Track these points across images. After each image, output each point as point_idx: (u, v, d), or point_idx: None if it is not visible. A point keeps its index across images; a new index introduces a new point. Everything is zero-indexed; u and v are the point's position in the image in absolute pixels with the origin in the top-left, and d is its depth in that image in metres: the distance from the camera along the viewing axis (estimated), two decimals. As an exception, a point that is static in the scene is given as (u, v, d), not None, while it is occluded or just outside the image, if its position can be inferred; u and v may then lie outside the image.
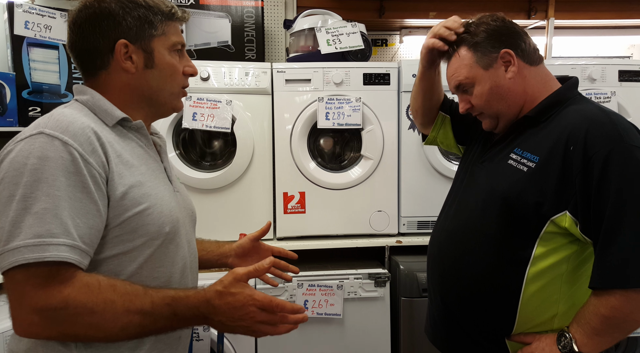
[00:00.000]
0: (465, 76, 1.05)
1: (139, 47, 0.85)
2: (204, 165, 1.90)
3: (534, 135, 1.00)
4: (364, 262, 1.91)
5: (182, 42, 0.91)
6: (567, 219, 0.92)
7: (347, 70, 1.83)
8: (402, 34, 2.48)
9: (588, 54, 2.56)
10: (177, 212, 0.89)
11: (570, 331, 0.93)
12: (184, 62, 0.92)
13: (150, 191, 0.82)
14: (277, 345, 1.74)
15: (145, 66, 0.86)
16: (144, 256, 0.81)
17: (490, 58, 1.02)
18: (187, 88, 0.94)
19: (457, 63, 1.06)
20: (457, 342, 1.09)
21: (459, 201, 1.11)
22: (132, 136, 0.87)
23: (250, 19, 2.04)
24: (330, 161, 1.96)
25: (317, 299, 1.73)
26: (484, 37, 1.03)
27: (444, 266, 1.10)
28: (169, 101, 0.91)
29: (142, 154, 0.87)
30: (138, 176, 0.82)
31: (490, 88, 1.03)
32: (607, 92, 1.89)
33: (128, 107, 0.87)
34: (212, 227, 1.84)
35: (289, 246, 1.82)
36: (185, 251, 0.90)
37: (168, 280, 0.85)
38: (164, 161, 0.94)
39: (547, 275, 0.96)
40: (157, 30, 0.86)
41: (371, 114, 1.85)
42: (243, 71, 1.81)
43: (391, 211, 1.89)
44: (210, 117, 1.76)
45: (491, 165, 1.06)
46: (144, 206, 0.80)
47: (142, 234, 0.80)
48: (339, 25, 1.91)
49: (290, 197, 1.86)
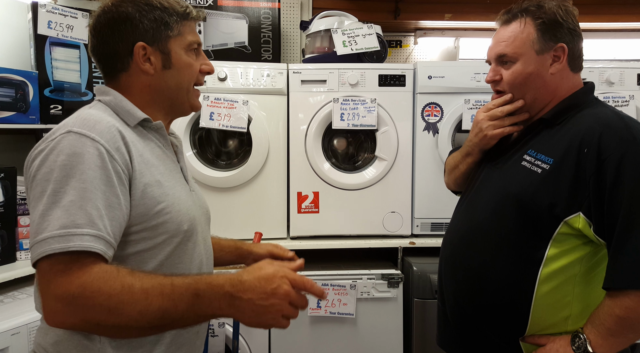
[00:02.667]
0: (514, 51, 1.02)
1: (157, 48, 0.87)
2: (220, 164, 1.92)
3: (549, 137, 1.01)
4: (377, 263, 1.92)
5: (198, 41, 0.93)
6: (580, 220, 0.92)
7: (363, 71, 1.84)
8: (416, 36, 2.48)
9: (606, 57, 2.53)
10: (194, 211, 0.90)
11: (584, 332, 0.93)
12: (201, 60, 0.93)
13: (168, 191, 0.84)
14: (291, 342, 1.76)
15: (164, 66, 0.88)
16: (164, 254, 0.83)
17: (547, 45, 1.01)
18: (203, 88, 0.95)
19: (514, 32, 1.02)
20: (472, 343, 1.09)
21: (472, 202, 1.12)
22: (151, 136, 0.89)
23: (267, 20, 2.06)
24: (344, 161, 1.97)
25: (330, 298, 1.74)
26: (553, 22, 1.00)
27: (457, 268, 1.10)
28: (188, 99, 0.93)
29: (160, 155, 0.89)
30: (157, 175, 0.84)
31: (530, 74, 1.02)
32: (625, 95, 1.87)
33: (148, 107, 0.89)
34: (227, 225, 1.86)
35: (302, 245, 1.84)
36: (201, 248, 0.92)
37: None
38: (180, 161, 0.96)
39: (560, 276, 0.96)
40: (173, 31, 0.88)
41: (386, 115, 1.85)
42: (259, 71, 1.83)
43: (405, 212, 1.90)
44: (227, 117, 1.78)
45: (505, 167, 1.06)
46: (164, 205, 0.82)
47: (162, 232, 0.82)
48: (355, 26, 1.92)
49: (304, 197, 1.87)
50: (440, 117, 1.88)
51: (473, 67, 1.86)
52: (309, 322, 1.75)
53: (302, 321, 1.75)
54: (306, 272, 1.77)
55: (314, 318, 1.75)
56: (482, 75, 1.85)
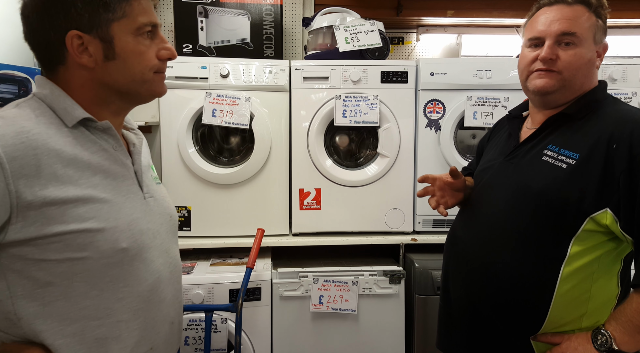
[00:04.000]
0: (582, 33, 0.99)
1: (96, 36, 0.74)
2: (222, 161, 1.92)
3: (571, 132, 0.99)
4: (378, 259, 1.92)
5: (151, 22, 0.78)
6: (608, 216, 0.91)
7: (365, 68, 1.84)
8: (419, 32, 2.47)
9: (609, 53, 2.52)
10: (144, 223, 0.82)
11: (607, 329, 0.92)
12: (158, 44, 0.80)
13: (101, 205, 0.75)
14: (293, 337, 1.76)
15: (106, 57, 0.75)
16: (98, 276, 0.75)
17: (600, 39, 1.03)
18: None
19: (582, 16, 1.00)
20: (479, 344, 1.07)
21: (484, 198, 1.09)
22: (95, 138, 0.79)
23: (269, 17, 2.06)
24: (346, 158, 1.97)
25: (332, 294, 1.74)
26: (605, 20, 1.03)
27: (471, 265, 1.07)
28: (143, 90, 0.81)
29: (103, 160, 0.78)
30: (87, 188, 0.74)
31: (589, 61, 1.01)
32: (627, 92, 1.87)
33: (94, 104, 0.79)
34: (229, 222, 1.87)
35: (304, 242, 1.84)
36: (157, 264, 0.84)
37: (135, 299, 0.80)
38: (135, 163, 0.86)
39: (581, 274, 0.95)
40: (115, 13, 0.74)
41: (388, 112, 1.85)
42: (261, 68, 1.83)
43: (407, 209, 1.90)
44: (229, 114, 1.79)
45: (522, 162, 1.04)
46: (90, 223, 0.73)
47: (93, 251, 0.74)
48: (358, 23, 1.91)
49: (307, 193, 1.88)
50: (442, 114, 1.88)
51: (475, 64, 1.86)
52: (311, 318, 1.76)
53: (304, 317, 1.76)
54: (309, 268, 1.78)
55: (316, 314, 1.76)
56: (484, 71, 1.85)
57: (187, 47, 2.02)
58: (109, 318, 0.77)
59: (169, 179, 1.84)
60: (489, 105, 1.85)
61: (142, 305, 0.81)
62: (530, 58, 1.03)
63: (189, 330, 1.61)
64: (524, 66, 1.05)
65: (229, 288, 1.67)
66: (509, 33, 2.46)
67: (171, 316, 0.89)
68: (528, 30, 1.06)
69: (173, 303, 0.89)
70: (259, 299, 1.71)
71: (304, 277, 1.75)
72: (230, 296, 1.66)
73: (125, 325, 0.79)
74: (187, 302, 1.63)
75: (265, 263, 1.82)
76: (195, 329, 1.61)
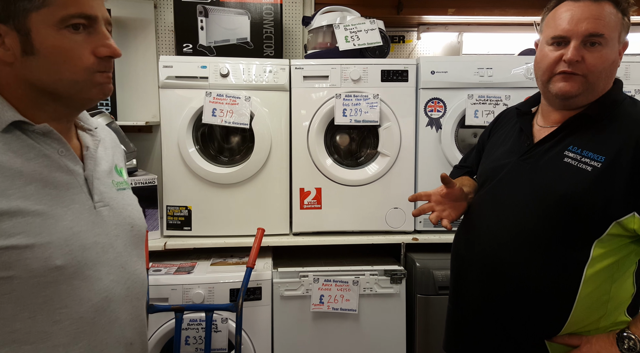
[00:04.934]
0: (610, 34, 0.94)
1: (12, 27, 0.66)
2: (223, 160, 1.92)
3: (593, 134, 0.96)
4: (379, 259, 1.92)
5: (83, 14, 0.68)
6: (636, 221, 0.90)
7: (365, 67, 1.83)
8: (419, 31, 2.46)
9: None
10: (91, 237, 0.73)
11: (635, 333, 0.91)
12: (96, 41, 0.70)
13: (32, 219, 0.67)
14: (293, 337, 1.76)
15: (24, 51, 0.67)
16: (32, 298, 0.67)
17: (623, 38, 0.99)
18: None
19: (610, 15, 0.94)
20: (492, 345, 1.05)
21: (500, 199, 1.05)
22: (34, 142, 0.71)
23: (269, 16, 2.06)
24: (346, 157, 1.97)
25: (332, 294, 1.74)
26: (629, 17, 0.98)
27: (488, 268, 1.04)
28: (76, 92, 0.72)
29: (41, 168, 0.70)
30: (16, 200, 0.66)
31: (613, 62, 0.97)
32: (631, 90, 1.85)
33: (27, 105, 0.71)
34: (230, 221, 1.87)
35: (304, 241, 1.84)
36: (106, 282, 0.75)
37: (76, 321, 0.72)
38: (86, 169, 0.77)
39: (602, 276, 0.94)
40: (32, 2, 0.65)
41: (389, 110, 1.85)
42: (261, 67, 1.82)
43: (407, 208, 1.89)
44: (230, 113, 1.78)
45: (540, 163, 1.00)
46: (16, 239, 0.65)
47: (21, 270, 0.66)
48: (358, 22, 1.91)
49: (307, 193, 1.87)
50: (443, 113, 1.87)
51: (476, 62, 1.85)
52: (312, 318, 1.76)
53: (305, 317, 1.76)
54: (309, 268, 1.77)
55: (316, 314, 1.75)
56: (485, 70, 1.84)
57: (187, 46, 2.02)
58: (44, 343, 0.69)
59: (170, 179, 1.84)
60: (490, 103, 1.84)
61: (85, 327, 0.73)
62: (554, 58, 0.97)
63: (189, 329, 1.61)
64: (546, 66, 0.98)
65: (230, 287, 1.66)
66: (510, 31, 2.45)
67: (127, 337, 0.80)
68: (550, 26, 0.98)
69: (131, 323, 0.81)
70: (260, 299, 1.71)
71: (304, 277, 1.74)
72: (230, 296, 1.66)
73: (63, 349, 0.71)
74: (187, 302, 1.63)
75: (266, 263, 1.82)
76: (195, 329, 1.61)
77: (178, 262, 1.83)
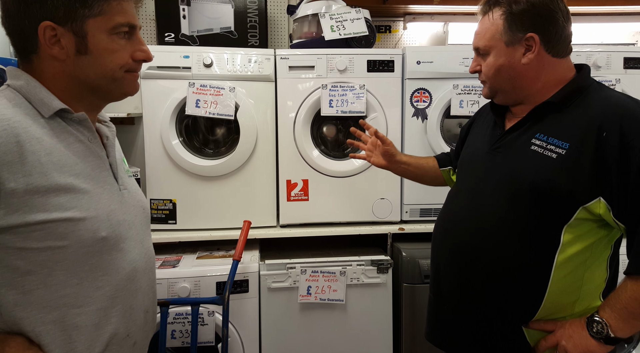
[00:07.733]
0: (485, 44, 1.04)
1: (69, 29, 0.75)
2: (208, 152, 1.90)
3: (558, 121, 0.99)
4: (366, 249, 1.93)
5: (129, 23, 0.80)
6: (601, 205, 0.92)
7: (351, 57, 1.82)
8: (405, 21, 2.45)
9: (593, 41, 2.53)
10: (121, 214, 0.84)
11: (602, 316, 0.92)
12: (135, 46, 0.82)
13: (82, 195, 0.77)
14: (281, 328, 1.76)
15: (78, 51, 0.77)
16: (77, 264, 0.77)
17: (515, 37, 1.00)
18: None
19: (486, 25, 1.04)
20: (469, 335, 1.07)
21: (475, 189, 1.09)
22: (72, 129, 0.80)
23: (254, 5, 2.02)
24: (333, 148, 1.96)
25: (320, 285, 1.74)
26: (521, 11, 0.98)
27: (465, 256, 1.07)
28: (114, 88, 0.83)
29: (81, 151, 0.80)
30: (69, 178, 0.75)
31: (502, 65, 1.03)
32: (611, 79, 1.88)
33: (68, 96, 0.79)
34: (216, 214, 1.85)
35: (292, 233, 1.84)
36: (134, 254, 0.86)
37: (114, 288, 0.82)
38: (109, 156, 0.87)
39: (575, 261, 0.96)
40: (92, 10, 0.76)
41: (375, 101, 1.84)
42: (246, 57, 1.79)
43: (394, 198, 1.90)
44: (214, 105, 1.75)
45: (510, 151, 1.04)
46: (72, 212, 0.74)
47: (74, 240, 0.75)
48: (343, 11, 1.89)
49: (294, 185, 1.86)
50: (429, 103, 1.87)
51: (462, 52, 1.85)
52: (299, 309, 1.76)
53: (292, 307, 1.76)
54: (296, 260, 1.77)
55: (304, 304, 1.76)
56: (470, 60, 1.84)
57: (169, 36, 1.98)
58: (89, 306, 0.79)
59: (153, 172, 1.81)
60: (475, 93, 1.84)
61: (120, 293, 0.83)
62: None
63: (176, 323, 1.60)
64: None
65: (216, 280, 1.65)
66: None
67: (146, 305, 0.91)
68: None
69: (147, 293, 0.92)
70: (247, 291, 1.70)
71: (291, 268, 1.74)
72: (217, 289, 1.65)
73: (104, 312, 0.81)
74: (173, 295, 1.62)
75: (253, 255, 1.81)
76: (181, 322, 1.60)
77: (163, 256, 1.81)
